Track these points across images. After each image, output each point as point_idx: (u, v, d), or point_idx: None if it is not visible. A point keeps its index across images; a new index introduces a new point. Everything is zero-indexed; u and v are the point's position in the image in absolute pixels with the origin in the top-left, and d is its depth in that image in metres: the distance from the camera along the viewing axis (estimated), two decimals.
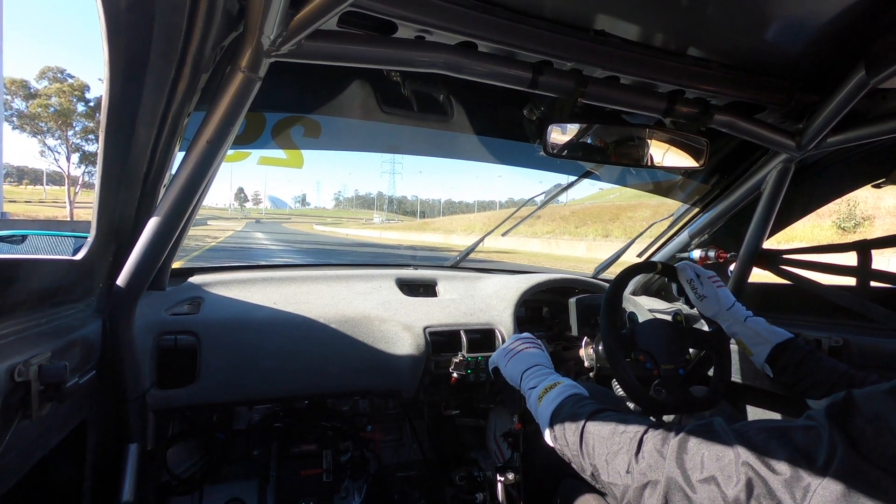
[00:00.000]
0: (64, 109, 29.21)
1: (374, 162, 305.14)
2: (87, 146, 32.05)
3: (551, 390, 0.75)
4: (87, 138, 31.42)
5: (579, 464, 0.66)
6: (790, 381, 0.97)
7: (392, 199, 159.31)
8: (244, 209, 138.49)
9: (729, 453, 0.49)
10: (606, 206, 29.95)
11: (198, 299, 1.23)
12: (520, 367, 0.86)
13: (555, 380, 0.78)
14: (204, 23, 0.65)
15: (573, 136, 1.06)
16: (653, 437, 0.57)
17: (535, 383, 0.80)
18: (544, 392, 0.76)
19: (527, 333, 0.97)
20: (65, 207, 32.81)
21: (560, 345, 1.46)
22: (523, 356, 0.89)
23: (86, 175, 34.03)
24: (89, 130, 30.82)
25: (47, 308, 0.76)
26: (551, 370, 0.84)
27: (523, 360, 0.87)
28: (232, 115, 0.76)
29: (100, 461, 0.96)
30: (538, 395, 0.77)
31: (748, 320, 1.03)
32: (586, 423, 0.65)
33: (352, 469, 1.46)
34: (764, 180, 1.26)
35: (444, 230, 36.87)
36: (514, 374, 0.87)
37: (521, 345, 0.92)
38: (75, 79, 29.79)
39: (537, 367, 0.85)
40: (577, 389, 0.75)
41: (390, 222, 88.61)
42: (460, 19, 0.76)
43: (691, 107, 0.98)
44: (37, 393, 0.63)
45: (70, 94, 29.13)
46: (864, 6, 0.72)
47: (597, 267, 1.85)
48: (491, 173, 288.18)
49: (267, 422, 1.39)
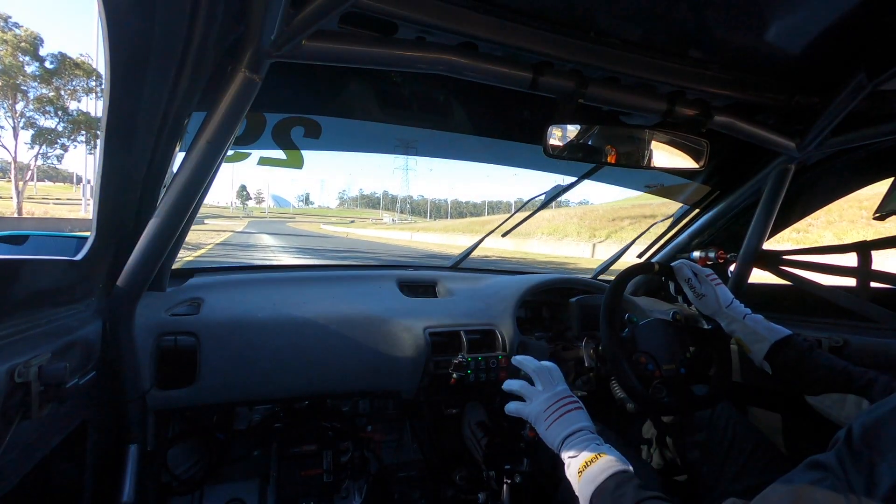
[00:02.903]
0: (7, 67, 21.07)
1: (376, 161, 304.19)
2: (44, 121, 23.39)
3: (592, 465, 0.70)
4: (45, 111, 23.06)
5: None
6: (789, 378, 0.98)
7: (398, 198, 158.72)
8: (246, 207, 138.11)
9: None
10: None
11: (198, 300, 1.23)
12: (561, 431, 0.77)
13: (596, 450, 0.72)
14: (205, 23, 0.65)
15: (574, 137, 1.06)
16: None
17: (576, 452, 0.74)
18: (584, 466, 0.71)
19: (560, 382, 0.86)
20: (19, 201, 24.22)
21: (560, 345, 1.46)
22: (565, 421, 0.79)
23: (41, 159, 25.73)
24: (46, 100, 22.76)
25: (47, 309, 0.76)
26: (594, 436, 0.77)
27: (565, 424, 0.78)
28: (232, 116, 0.76)
29: (100, 462, 0.96)
30: (578, 467, 0.72)
31: (747, 318, 1.03)
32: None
33: (352, 469, 1.46)
34: (764, 181, 1.26)
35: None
36: (554, 439, 0.78)
37: (564, 405, 0.82)
38: (23, 28, 21.17)
39: (581, 433, 0.76)
40: (619, 466, 0.70)
41: (403, 222, 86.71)
42: (461, 20, 0.76)
43: (691, 108, 0.98)
44: (37, 394, 0.63)
45: (14, 47, 20.78)
46: (864, 8, 0.72)
47: (597, 268, 1.85)
48: (503, 172, 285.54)
49: (267, 422, 1.39)
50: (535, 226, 24.97)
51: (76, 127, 24.42)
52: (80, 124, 24.42)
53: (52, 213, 29.04)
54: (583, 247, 19.51)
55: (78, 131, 24.72)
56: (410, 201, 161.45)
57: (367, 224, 71.76)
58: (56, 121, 23.97)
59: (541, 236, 23.56)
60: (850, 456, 0.45)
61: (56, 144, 25.05)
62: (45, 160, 27.54)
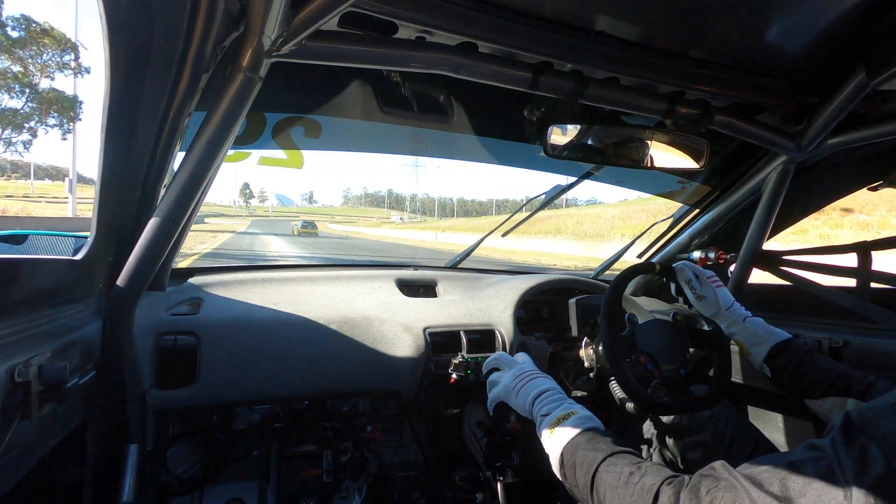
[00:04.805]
0: None
1: (379, 160, 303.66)
2: (8, 100, 19.42)
3: (564, 421, 0.70)
4: (11, 88, 19.31)
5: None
6: (788, 382, 0.98)
7: (406, 196, 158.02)
8: (249, 206, 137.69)
9: (744, 499, 0.47)
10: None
11: (198, 300, 1.23)
12: (530, 394, 0.80)
13: (568, 409, 0.73)
14: (205, 23, 0.65)
15: (573, 137, 1.06)
16: (668, 491, 0.54)
17: (548, 410, 0.75)
18: (557, 422, 0.71)
19: (526, 362, 0.91)
20: None
21: (560, 345, 1.46)
22: (532, 385, 0.82)
23: (3, 146, 21.70)
24: (11, 76, 19.16)
25: (47, 308, 0.76)
26: (563, 396, 0.79)
27: (533, 387, 0.81)
28: (232, 116, 0.76)
29: (100, 461, 0.96)
30: (550, 423, 0.72)
31: (747, 321, 1.03)
32: (599, 466, 0.62)
33: (352, 469, 1.46)
34: (764, 181, 1.26)
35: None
36: (525, 402, 0.80)
37: (530, 374, 0.85)
38: None
39: (549, 392, 0.79)
40: (591, 423, 0.70)
41: (413, 221, 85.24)
42: (461, 20, 0.76)
43: (691, 108, 0.98)
44: (37, 393, 0.63)
45: None
46: (864, 8, 0.72)
47: (597, 267, 1.85)
48: (510, 169, 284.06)
49: (267, 422, 1.39)
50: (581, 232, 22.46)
51: (45, 107, 20.59)
52: (50, 103, 20.68)
53: (32, 211, 24.85)
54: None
55: (47, 113, 20.98)
56: (417, 200, 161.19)
57: (376, 223, 68.55)
58: (23, 100, 19.88)
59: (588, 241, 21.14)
60: (843, 439, 0.46)
61: (24, 128, 21.07)
62: (9, 147, 22.84)
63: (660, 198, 1.60)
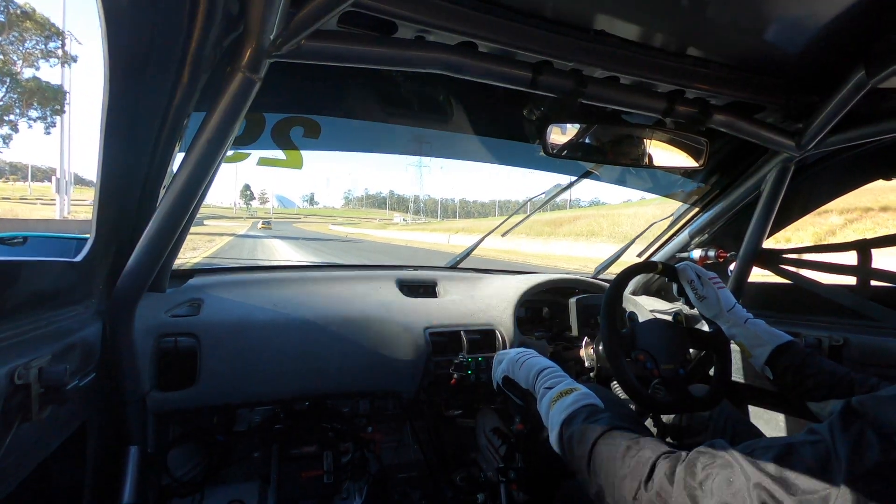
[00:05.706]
0: None
1: (380, 160, 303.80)
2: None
3: (566, 396, 0.73)
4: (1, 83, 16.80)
5: (584, 479, 0.64)
6: (790, 384, 0.97)
7: (409, 197, 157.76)
8: (250, 208, 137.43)
9: (739, 476, 0.48)
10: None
11: (198, 301, 1.23)
12: (534, 367, 0.86)
13: (571, 385, 0.77)
14: (204, 23, 0.65)
15: (573, 136, 1.06)
16: (664, 465, 0.54)
17: (552, 384, 0.78)
18: (559, 396, 0.74)
19: (531, 350, 0.98)
20: None
21: (560, 345, 1.46)
22: (536, 360, 0.90)
23: None
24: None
25: (47, 310, 0.76)
26: (566, 374, 0.83)
27: (536, 363, 0.88)
28: (232, 116, 0.75)
29: (100, 464, 0.95)
30: (552, 397, 0.75)
31: (748, 322, 1.03)
32: (597, 440, 0.63)
33: (352, 470, 1.46)
34: (763, 180, 1.26)
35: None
36: (529, 375, 0.86)
37: (532, 353, 0.93)
38: None
39: (553, 369, 0.84)
40: (592, 399, 0.73)
41: (416, 222, 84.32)
42: (460, 19, 0.76)
43: (691, 107, 0.98)
44: (37, 395, 0.63)
45: None
46: (863, 7, 0.72)
47: (597, 267, 1.85)
48: (512, 169, 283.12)
49: (267, 423, 1.39)
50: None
51: (26, 99, 18.77)
52: (31, 94, 18.92)
53: (18, 212, 23.06)
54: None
55: (28, 105, 19.10)
56: (420, 201, 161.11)
57: (379, 225, 66.87)
58: (2, 91, 18.07)
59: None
60: (842, 425, 0.46)
61: (3, 122, 18.99)
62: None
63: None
